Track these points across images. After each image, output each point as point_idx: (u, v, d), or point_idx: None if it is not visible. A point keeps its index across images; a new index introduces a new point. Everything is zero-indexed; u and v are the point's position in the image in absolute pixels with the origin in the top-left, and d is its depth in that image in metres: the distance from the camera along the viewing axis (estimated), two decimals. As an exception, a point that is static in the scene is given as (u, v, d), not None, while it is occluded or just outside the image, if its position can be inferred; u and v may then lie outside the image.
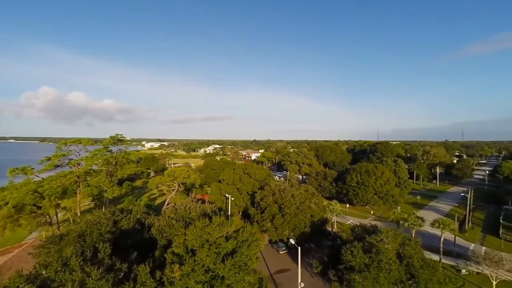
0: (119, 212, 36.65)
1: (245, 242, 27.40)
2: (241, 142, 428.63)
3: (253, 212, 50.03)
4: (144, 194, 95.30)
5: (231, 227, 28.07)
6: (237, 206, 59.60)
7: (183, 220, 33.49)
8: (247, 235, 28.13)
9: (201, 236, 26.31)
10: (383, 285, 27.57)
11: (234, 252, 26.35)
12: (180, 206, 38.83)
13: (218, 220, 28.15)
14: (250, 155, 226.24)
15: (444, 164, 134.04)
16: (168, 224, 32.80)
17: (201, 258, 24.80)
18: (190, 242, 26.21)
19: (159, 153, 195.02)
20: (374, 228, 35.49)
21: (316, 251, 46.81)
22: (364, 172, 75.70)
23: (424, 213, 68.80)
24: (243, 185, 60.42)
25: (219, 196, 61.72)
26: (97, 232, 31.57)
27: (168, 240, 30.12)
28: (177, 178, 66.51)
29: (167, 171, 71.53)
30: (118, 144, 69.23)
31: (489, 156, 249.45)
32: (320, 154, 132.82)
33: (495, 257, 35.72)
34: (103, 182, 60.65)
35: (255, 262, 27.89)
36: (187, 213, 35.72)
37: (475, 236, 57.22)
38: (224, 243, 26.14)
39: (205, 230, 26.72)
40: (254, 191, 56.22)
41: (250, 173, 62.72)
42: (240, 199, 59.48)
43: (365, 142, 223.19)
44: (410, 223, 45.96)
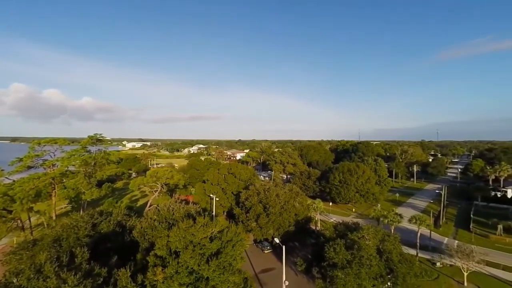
0: (98, 215, 35.23)
1: (230, 242, 27.28)
2: (226, 142, 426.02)
3: (238, 212, 49.92)
4: (125, 195, 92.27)
5: (215, 228, 27.85)
6: (222, 206, 59.19)
7: (166, 221, 32.79)
8: (231, 235, 28.02)
9: (185, 237, 25.89)
10: (364, 280, 28.45)
11: (219, 253, 26.16)
12: (163, 207, 37.95)
13: (203, 220, 27.84)
14: (235, 155, 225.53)
15: (421, 163, 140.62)
16: (150, 226, 31.98)
17: (185, 259, 24.41)
18: (173, 244, 25.72)
19: (141, 153, 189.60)
20: (356, 225, 36.56)
21: (300, 249, 47.49)
22: (347, 171, 77.77)
23: (403, 210, 71.88)
24: (228, 185, 60.12)
25: (203, 196, 61.02)
26: (74, 236, 30.19)
27: (150, 243, 29.38)
28: (160, 179, 64.98)
29: (150, 171, 69.73)
30: (97, 144, 66.49)
31: (461, 155, 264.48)
32: (304, 153, 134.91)
33: (466, 250, 37.95)
34: (80, 183, 58.06)
35: (240, 262, 27.85)
36: (170, 214, 35.01)
37: (448, 230, 60.48)
38: (209, 244, 25.89)
39: (189, 231, 26.32)
40: (239, 191, 56.10)
41: (235, 173, 62.52)
42: (225, 199, 59.14)
43: (348, 142, 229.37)
44: (390, 220, 47.90)
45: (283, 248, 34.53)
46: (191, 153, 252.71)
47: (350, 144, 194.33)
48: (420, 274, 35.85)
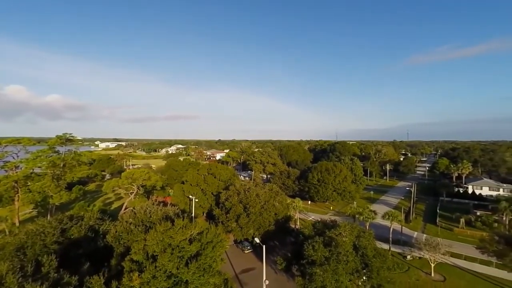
0: (67, 220, 33.14)
1: (210, 244, 26.93)
2: (205, 142, 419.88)
3: (218, 212, 49.43)
4: (98, 198, 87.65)
5: (195, 229, 27.33)
6: (201, 208, 58.27)
7: (142, 224, 31.62)
8: (211, 236, 27.67)
9: (163, 240, 25.13)
10: (341, 275, 29.44)
11: (198, 255, 25.72)
12: (140, 209, 36.54)
13: (181, 222, 27.20)
14: (215, 155, 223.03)
15: (393, 162, 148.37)
16: (126, 230, 30.66)
17: (162, 263, 23.70)
18: (150, 247, 24.86)
19: (116, 154, 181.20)
20: (334, 223, 37.72)
21: (280, 248, 48.05)
22: (324, 170, 79.97)
23: (377, 207, 75.38)
24: (207, 185, 59.30)
25: (182, 197, 59.67)
26: (41, 243, 28.11)
27: (126, 247, 28.16)
28: (136, 180, 62.52)
29: (125, 173, 66.86)
30: (66, 144, 62.46)
31: (429, 154, 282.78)
32: (284, 153, 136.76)
33: (433, 243, 40.66)
34: (48, 186, 54.26)
35: (220, 263, 27.59)
36: (147, 217, 33.81)
37: (417, 225, 64.38)
38: (188, 246, 25.36)
39: (167, 233, 25.58)
40: (219, 192, 55.57)
41: (215, 174, 61.83)
42: (205, 200, 58.29)
43: (325, 142, 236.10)
44: (365, 217, 50.05)
45: (263, 247, 34.73)
46: (169, 154, 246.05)
47: (328, 144, 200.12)
48: (393, 267, 37.84)
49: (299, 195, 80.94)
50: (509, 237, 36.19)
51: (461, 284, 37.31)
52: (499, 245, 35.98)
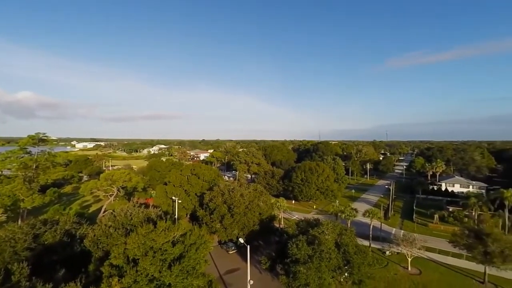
0: (41, 224, 31.39)
1: (193, 246, 26.56)
2: (189, 142, 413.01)
3: (201, 213, 48.82)
4: (74, 201, 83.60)
5: (178, 231, 26.85)
6: (184, 209, 57.28)
7: (123, 227, 30.58)
8: (195, 238, 27.30)
9: (145, 243, 24.46)
10: (324, 273, 30.10)
11: (182, 257, 25.29)
12: (120, 212, 35.29)
13: (164, 224, 26.61)
14: (199, 155, 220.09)
15: (373, 161, 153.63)
16: (105, 234, 29.51)
17: (144, 267, 23.07)
18: (131, 251, 24.11)
19: (94, 155, 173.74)
20: (317, 221, 38.44)
21: (265, 247, 48.25)
22: (308, 170, 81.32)
23: (358, 205, 77.74)
24: (191, 186, 58.39)
25: (165, 199, 58.33)
26: (11, 250, 26.43)
27: (105, 252, 27.12)
28: (116, 182, 60.40)
29: (104, 174, 64.38)
30: (39, 144, 59.06)
31: (406, 154, 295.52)
32: (268, 153, 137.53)
33: (410, 238, 42.59)
34: (18, 189, 51.08)
35: (204, 265, 27.30)
36: (128, 219, 32.74)
37: (396, 222, 67.14)
38: (171, 249, 24.85)
39: (149, 236, 24.93)
40: (203, 192, 54.91)
41: (199, 174, 61.02)
42: (188, 201, 57.35)
43: (309, 142, 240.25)
44: (346, 215, 51.51)
45: (248, 247, 34.74)
46: (151, 154, 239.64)
47: (311, 144, 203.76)
48: (373, 263, 39.20)
49: (283, 195, 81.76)
50: (477, 231, 38.62)
51: (435, 277, 39.35)
52: (469, 239, 38.31)
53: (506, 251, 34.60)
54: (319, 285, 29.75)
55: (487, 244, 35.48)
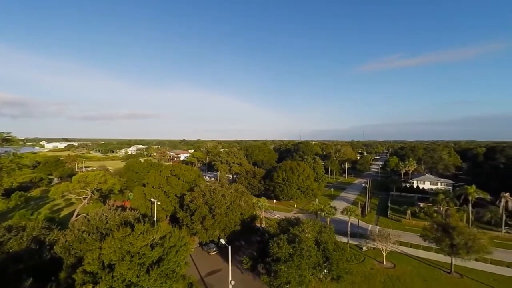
0: (5, 231, 29.17)
1: (173, 248, 25.98)
2: (168, 142, 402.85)
3: (182, 215, 47.87)
4: (44, 205, 78.41)
5: (157, 234, 26.10)
6: (164, 211, 55.85)
7: (97, 232, 29.21)
8: (175, 240, 26.72)
9: (121, 247, 23.54)
10: (305, 270, 30.75)
11: (161, 260, 24.64)
12: (94, 216, 33.62)
13: (142, 227, 25.77)
14: (179, 156, 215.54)
15: (351, 160, 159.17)
16: (77, 239, 28.00)
17: (121, 272, 22.20)
18: (107, 256, 23.09)
19: (66, 155, 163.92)
20: (297, 220, 39.14)
21: (246, 247, 48.29)
22: (289, 169, 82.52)
23: (336, 203, 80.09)
24: (171, 187, 57.04)
25: (143, 201, 56.48)
26: (-30, 260, 24.29)
27: (77, 258, 25.74)
28: (90, 184, 57.47)
29: (77, 176, 61.01)
30: (3, 145, 54.83)
31: (381, 153, 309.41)
32: (250, 153, 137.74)
33: (385, 233, 44.66)
34: (-21, 194, 46.93)
35: (184, 267, 26.80)
36: (103, 223, 31.31)
37: (372, 218, 70.05)
38: (149, 252, 24.12)
39: (125, 240, 24.02)
40: (183, 193, 53.86)
41: (179, 175, 59.75)
42: (168, 202, 55.98)
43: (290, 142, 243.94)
44: (326, 213, 52.96)
45: (229, 248, 34.61)
46: (128, 154, 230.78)
47: (292, 144, 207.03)
48: (351, 259, 40.68)
49: (265, 194, 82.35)
50: (445, 225, 41.38)
51: (408, 269, 41.59)
52: (437, 233, 40.94)
53: (469, 242, 37.39)
54: (299, 283, 30.34)
55: (453, 237, 38.12)
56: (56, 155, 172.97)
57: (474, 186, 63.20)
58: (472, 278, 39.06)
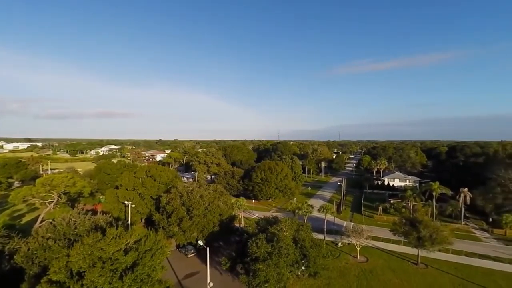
0: (-45, 241, 26.33)
1: (149, 252, 25.13)
2: (144, 142, 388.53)
3: (158, 217, 46.41)
4: (2, 211, 71.79)
5: (131, 238, 25.11)
6: (139, 214, 53.77)
7: (65, 238, 27.41)
8: (150, 243, 25.86)
9: (92, 253, 22.31)
10: (283, 268, 31.23)
11: (135, 265, 23.72)
12: (61, 221, 31.48)
13: (114, 232, 24.63)
14: (155, 156, 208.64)
15: (327, 160, 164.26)
16: (42, 247, 26.06)
17: (91, 280, 21.04)
18: (75, 263, 21.76)
19: (28, 157, 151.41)
20: (275, 219, 39.63)
21: (225, 248, 47.97)
22: (267, 169, 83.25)
23: (313, 201, 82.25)
24: (146, 189, 55.04)
25: (116, 204, 53.93)
26: None
27: (42, 267, 23.99)
28: (56, 187, 53.75)
29: (41, 179, 56.71)
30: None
31: (355, 152, 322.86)
32: (228, 153, 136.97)
33: (358, 229, 46.69)
34: None
35: (161, 271, 26.06)
36: (71, 229, 29.45)
37: (347, 215, 72.87)
38: (122, 257, 23.12)
39: (96, 246, 22.80)
40: (160, 195, 52.22)
41: (155, 176, 57.83)
42: (143, 205, 53.96)
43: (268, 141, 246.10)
44: (303, 211, 54.18)
45: (207, 249, 34.18)
46: (100, 155, 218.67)
47: (271, 144, 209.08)
48: (327, 255, 41.98)
49: (244, 194, 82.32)
50: (412, 220, 44.21)
51: (379, 263, 43.85)
52: (405, 227, 43.62)
53: (434, 235, 40.32)
54: (278, 281, 30.76)
55: (419, 230, 40.85)
56: (17, 156, 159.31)
57: (437, 183, 68.20)
58: (436, 267, 42.13)
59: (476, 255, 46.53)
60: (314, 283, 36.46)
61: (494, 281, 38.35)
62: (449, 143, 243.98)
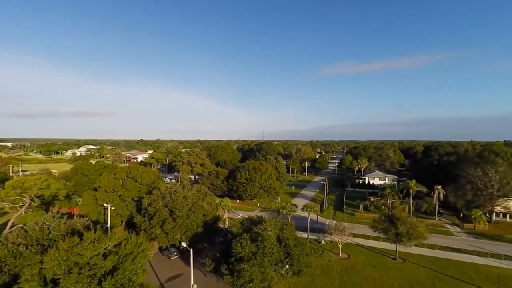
0: None
1: (129, 256, 24.37)
2: (124, 142, 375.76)
3: (139, 220, 45.09)
4: (-34, 217, 66.64)
5: (110, 242, 24.23)
6: (119, 216, 52.05)
7: (38, 244, 25.96)
8: (131, 247, 25.08)
9: (68, 259, 21.29)
10: (267, 267, 31.39)
11: (115, 270, 22.92)
12: (33, 226, 29.75)
13: (92, 236, 23.65)
14: (136, 157, 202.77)
15: (311, 159, 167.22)
16: (12, 254, 24.50)
17: (67, 287, 20.06)
18: (49, 270, 20.67)
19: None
20: (260, 219, 39.80)
21: (209, 249, 47.48)
22: (252, 169, 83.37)
23: (297, 200, 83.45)
24: (126, 191, 53.32)
25: (94, 206, 51.83)
26: None
27: (12, 275, 22.57)
28: (28, 190, 50.73)
29: (11, 181, 53.38)
30: None
31: (338, 152, 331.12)
32: (213, 153, 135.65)
33: (340, 227, 47.94)
34: None
35: (142, 275, 25.36)
36: (45, 234, 27.93)
37: (329, 213, 74.55)
38: (101, 262, 22.25)
39: (73, 251, 21.79)
40: (141, 197, 50.79)
41: (136, 177, 56.14)
42: (123, 207, 52.26)
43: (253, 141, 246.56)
44: (287, 210, 54.81)
45: (191, 251, 33.68)
46: (77, 156, 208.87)
47: (255, 144, 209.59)
48: (310, 253, 42.77)
49: (228, 195, 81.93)
50: (391, 216, 46.04)
51: (360, 259, 45.27)
52: (384, 223, 45.36)
53: (410, 231, 42.22)
54: (262, 280, 30.90)
55: (397, 226, 42.63)
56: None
57: (414, 181, 71.51)
58: (412, 262, 44.16)
59: (449, 248, 49.28)
60: (298, 281, 36.98)
61: (464, 272, 40.83)
62: (425, 143, 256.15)
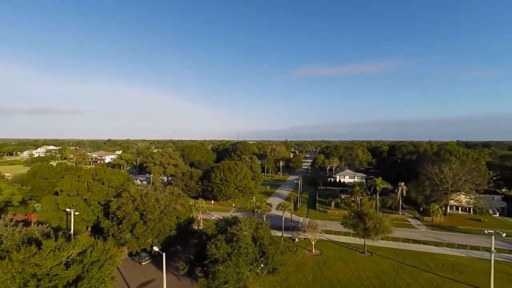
0: None
1: (96, 263, 22.92)
2: (90, 142, 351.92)
3: (107, 224, 42.58)
4: None
5: (74, 249, 22.58)
6: (84, 222, 48.70)
7: (-13, 255, 23.35)
8: (98, 254, 23.61)
9: (23, 271, 19.44)
10: (242, 267, 31.41)
11: (80, 279, 21.44)
12: (-18, 236, 26.75)
13: (53, 244, 21.86)
14: (104, 158, 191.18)
15: (285, 159, 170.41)
16: (-45, 268, 21.75)
17: (23, 301, 18.32)
18: (1, 284, 18.70)
19: None
20: (235, 219, 39.67)
21: (183, 252, 46.30)
22: (227, 169, 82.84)
23: (272, 200, 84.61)
24: (92, 194, 50.04)
25: (55, 212, 47.94)
26: None
27: (-45, 292, 20.02)
28: (-25, 196, 45.42)
29: (-47, 187, 47.36)
30: None
31: (311, 152, 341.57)
32: (186, 154, 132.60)
33: (313, 224, 49.53)
34: None
35: (110, 283, 24.02)
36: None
37: (303, 211, 76.62)
38: (63, 272, 20.66)
39: (29, 261, 19.95)
40: (109, 200, 47.95)
41: (103, 179, 52.89)
42: (89, 212, 49.00)
43: (228, 141, 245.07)
44: (262, 210, 55.37)
45: (163, 255, 32.59)
46: (34, 157, 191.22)
47: (230, 144, 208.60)
48: (285, 251, 43.50)
49: (202, 196, 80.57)
50: (359, 213, 48.58)
51: (332, 254, 47.19)
52: (354, 219, 47.76)
53: (377, 225, 44.94)
54: (237, 281, 30.84)
55: (365, 222, 45.13)
56: None
57: (380, 178, 76.15)
58: (379, 254, 47.03)
59: (411, 240, 53.27)
60: (273, 279, 37.51)
61: (423, 262, 44.45)
62: (389, 143, 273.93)
